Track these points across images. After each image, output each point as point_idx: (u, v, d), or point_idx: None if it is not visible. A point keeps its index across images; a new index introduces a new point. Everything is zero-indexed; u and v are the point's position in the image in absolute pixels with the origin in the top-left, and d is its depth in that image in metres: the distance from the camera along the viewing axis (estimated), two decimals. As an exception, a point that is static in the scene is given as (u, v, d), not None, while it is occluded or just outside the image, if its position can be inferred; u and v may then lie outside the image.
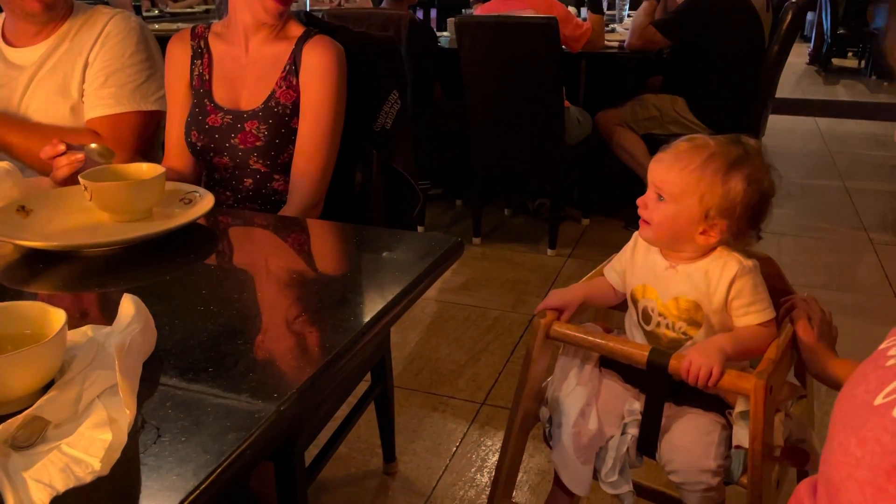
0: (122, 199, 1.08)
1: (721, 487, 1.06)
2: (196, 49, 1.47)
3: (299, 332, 0.86)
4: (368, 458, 1.84)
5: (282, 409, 0.68)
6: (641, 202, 1.11)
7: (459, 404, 2.06)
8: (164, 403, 0.69)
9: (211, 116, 1.42)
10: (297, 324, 0.88)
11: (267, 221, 1.27)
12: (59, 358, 0.69)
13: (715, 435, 1.06)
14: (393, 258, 1.06)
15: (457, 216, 3.57)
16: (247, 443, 0.64)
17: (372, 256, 1.09)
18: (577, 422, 1.11)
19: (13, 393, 0.66)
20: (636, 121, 3.16)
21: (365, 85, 1.51)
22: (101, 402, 0.66)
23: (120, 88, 1.54)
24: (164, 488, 0.58)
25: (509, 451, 1.20)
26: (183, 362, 0.76)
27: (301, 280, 1.02)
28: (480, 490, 1.71)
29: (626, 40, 3.13)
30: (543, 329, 1.13)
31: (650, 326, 1.13)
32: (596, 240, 3.22)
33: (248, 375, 0.74)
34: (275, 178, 1.44)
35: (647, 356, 1.05)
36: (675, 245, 1.11)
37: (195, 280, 1.01)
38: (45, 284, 0.99)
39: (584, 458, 1.10)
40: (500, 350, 2.33)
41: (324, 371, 0.75)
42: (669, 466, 1.07)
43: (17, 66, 1.56)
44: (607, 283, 1.22)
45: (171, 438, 0.64)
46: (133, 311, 0.74)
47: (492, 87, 2.92)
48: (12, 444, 0.60)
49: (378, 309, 0.87)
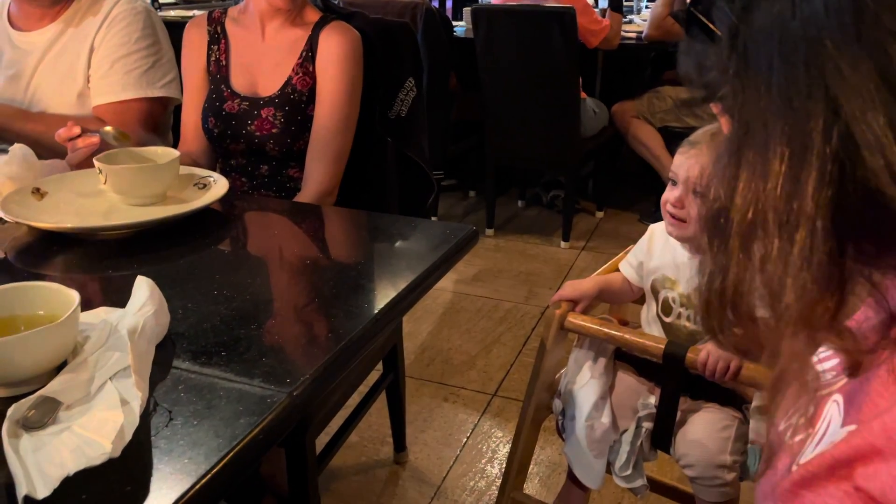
0: (137, 183, 1.08)
1: (736, 483, 1.05)
2: (213, 34, 1.46)
3: (313, 318, 0.85)
4: (379, 447, 1.83)
5: (294, 395, 0.68)
6: (675, 201, 1.08)
7: (470, 395, 2.05)
8: (177, 387, 0.69)
9: (228, 103, 1.41)
10: (311, 310, 0.87)
11: (282, 207, 1.26)
12: (71, 339, 0.69)
13: (731, 430, 1.04)
14: (408, 246, 1.05)
15: (470, 207, 3.55)
16: (259, 427, 0.63)
17: (386, 244, 1.08)
18: (591, 415, 1.10)
19: (25, 373, 0.66)
20: (653, 113, 3.13)
21: (381, 72, 1.49)
22: (113, 385, 0.65)
23: (126, 75, 1.51)
24: (176, 471, 0.57)
25: (521, 442, 1.19)
26: (196, 346, 0.76)
27: (315, 266, 1.02)
28: (491, 481, 1.70)
29: (643, 31, 3.10)
30: (558, 320, 1.12)
31: (670, 318, 1.12)
32: (610, 232, 3.19)
33: (261, 360, 0.74)
34: (290, 165, 1.44)
35: (663, 349, 1.04)
36: None
37: (209, 264, 1.01)
38: (58, 266, 0.99)
39: (598, 452, 1.09)
40: (512, 342, 2.32)
41: (337, 357, 0.75)
42: (684, 461, 1.06)
43: (24, 50, 1.55)
44: (623, 278, 1.21)
45: (183, 422, 0.63)
46: (147, 294, 0.74)
47: (508, 77, 2.90)
48: (24, 424, 0.60)
49: (392, 296, 0.86)
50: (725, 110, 0.41)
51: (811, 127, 0.34)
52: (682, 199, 1.09)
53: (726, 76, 0.38)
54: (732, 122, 0.39)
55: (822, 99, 0.34)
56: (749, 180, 0.37)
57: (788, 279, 0.36)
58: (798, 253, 0.35)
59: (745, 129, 0.38)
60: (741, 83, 0.38)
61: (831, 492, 0.39)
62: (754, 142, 0.37)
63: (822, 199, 0.34)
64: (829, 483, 0.39)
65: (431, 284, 0.95)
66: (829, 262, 0.35)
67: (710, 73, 0.41)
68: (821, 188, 0.34)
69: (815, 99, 0.34)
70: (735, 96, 0.38)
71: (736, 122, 0.39)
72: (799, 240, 0.35)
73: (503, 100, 2.95)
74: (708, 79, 0.41)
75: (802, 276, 0.36)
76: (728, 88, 0.39)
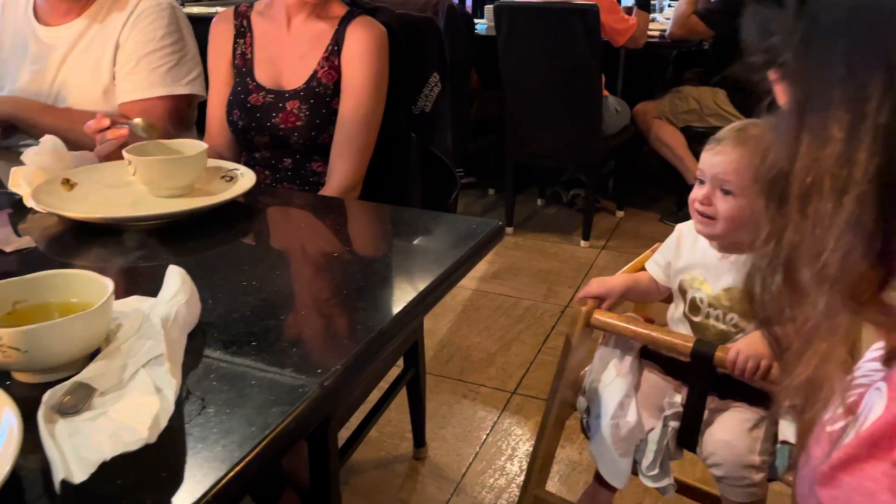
0: (166, 174, 1.08)
1: (764, 483, 1.04)
2: (239, 28, 1.46)
3: (341, 310, 0.85)
4: (398, 443, 1.83)
5: (325, 385, 0.68)
6: (703, 199, 1.07)
7: (489, 393, 2.05)
8: (208, 375, 0.69)
9: (253, 95, 1.42)
10: (339, 301, 0.87)
11: (307, 201, 1.26)
12: (105, 326, 0.69)
13: (760, 430, 1.03)
14: (434, 240, 1.05)
15: (489, 205, 3.55)
16: (291, 417, 0.63)
17: (413, 238, 1.07)
18: (616, 413, 1.09)
19: (59, 359, 0.66)
20: (675, 113, 3.10)
21: (406, 66, 1.49)
22: (146, 372, 0.65)
23: (151, 72, 1.51)
24: (210, 458, 0.58)
25: (545, 439, 1.18)
26: (226, 335, 0.76)
27: (341, 259, 1.02)
28: (511, 479, 1.70)
29: (667, 29, 3.07)
30: (584, 317, 1.11)
31: (698, 317, 1.10)
32: (630, 232, 3.17)
33: (291, 350, 0.74)
34: (314, 158, 1.44)
35: (692, 347, 1.02)
36: (741, 236, 1.07)
37: (236, 256, 1.01)
38: (87, 256, 1.00)
39: (623, 451, 1.08)
40: (532, 340, 2.32)
41: (366, 349, 0.74)
42: (711, 460, 1.05)
43: (50, 45, 1.55)
44: (649, 277, 1.20)
45: (216, 410, 0.63)
46: (179, 283, 0.74)
47: (529, 75, 2.88)
48: (59, 409, 0.60)
49: (421, 289, 0.86)
50: (786, 76, 0.42)
51: (868, 95, 0.35)
52: (709, 197, 1.07)
53: (791, 41, 0.39)
54: (793, 87, 0.40)
55: (881, 68, 0.34)
56: (810, 144, 0.38)
57: (837, 243, 0.37)
58: (846, 218, 0.37)
59: (807, 95, 0.39)
60: (806, 49, 0.39)
61: (868, 472, 0.39)
62: (816, 107, 0.38)
63: (871, 168, 0.35)
64: (867, 463, 0.39)
65: (459, 278, 0.94)
66: (874, 229, 0.37)
67: (773, 38, 0.41)
68: (871, 157, 0.35)
69: (874, 68, 0.35)
70: (798, 62, 0.39)
71: (798, 88, 0.39)
72: (847, 205, 0.37)
73: (525, 97, 2.94)
74: (771, 44, 0.41)
75: (848, 240, 0.37)
76: (791, 54, 0.40)
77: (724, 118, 3.02)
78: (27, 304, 0.71)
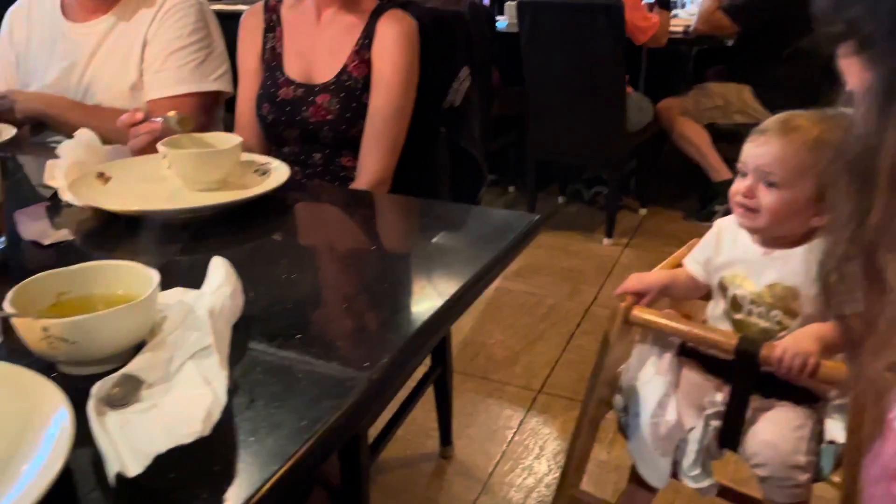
0: (201, 167, 1.07)
1: (809, 484, 1.01)
2: (269, 22, 1.46)
3: (383, 303, 0.83)
4: (423, 441, 1.82)
5: (373, 379, 0.66)
6: (746, 191, 1.05)
7: (515, 391, 2.03)
8: (255, 368, 0.68)
9: (283, 89, 1.41)
10: (380, 295, 0.86)
11: (338, 195, 1.25)
12: (151, 318, 0.68)
13: (806, 429, 1.01)
14: (471, 234, 1.04)
15: (510, 203, 3.53)
16: (341, 411, 0.62)
17: (449, 231, 1.06)
18: (656, 412, 1.07)
19: (106, 351, 0.66)
20: (699, 110, 3.07)
21: (436, 61, 1.48)
22: (193, 364, 0.64)
23: (179, 69, 1.51)
24: (262, 452, 0.56)
25: (581, 438, 1.16)
26: (270, 328, 0.75)
27: (378, 252, 1.01)
28: (539, 478, 1.68)
29: (691, 25, 3.04)
30: (623, 313, 1.09)
31: (740, 315, 1.08)
32: (654, 230, 3.14)
33: (336, 343, 0.73)
34: (343, 153, 1.43)
35: (735, 344, 1.00)
36: (784, 230, 1.05)
37: (273, 250, 1.00)
38: (124, 250, 0.99)
39: (663, 451, 1.06)
40: (556, 339, 2.29)
41: (412, 342, 0.73)
42: (755, 461, 1.02)
43: (78, 41, 1.55)
44: (688, 273, 1.17)
45: (265, 403, 0.62)
46: (223, 275, 0.73)
47: (552, 72, 2.86)
48: (108, 401, 0.59)
49: (462, 283, 0.84)
50: (865, 48, 0.40)
51: None
52: (752, 189, 1.05)
53: (877, 13, 0.37)
54: (876, 62, 0.38)
55: None
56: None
57: None
58: None
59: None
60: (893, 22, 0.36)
61: None
62: None
63: None
64: None
65: (498, 274, 0.93)
66: None
67: (852, 10, 0.39)
68: None
69: None
70: (884, 35, 0.37)
71: (887, 64, 0.38)
72: None
73: (547, 94, 2.91)
74: (850, 15, 0.40)
75: None
76: (874, 26, 0.38)
77: (749, 115, 2.98)
78: (71, 295, 0.71)
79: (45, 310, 0.68)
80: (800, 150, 1.00)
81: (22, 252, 0.95)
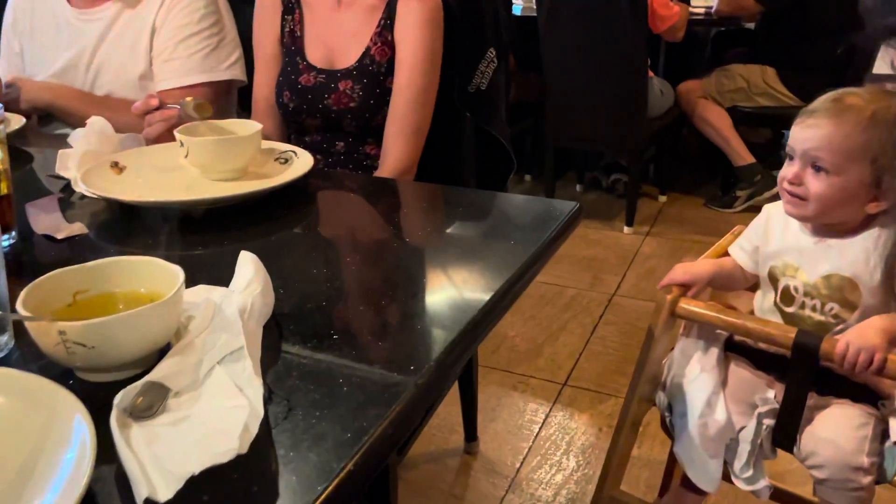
0: (220, 156, 1.01)
1: (871, 487, 0.95)
2: (287, 4, 1.39)
3: (423, 300, 0.77)
4: (448, 436, 1.77)
5: (420, 383, 0.60)
6: (793, 177, 0.98)
7: (539, 384, 1.97)
8: (290, 373, 0.62)
9: (304, 76, 1.34)
10: (420, 291, 0.80)
11: (364, 184, 1.19)
12: (177, 319, 0.62)
13: (868, 428, 0.94)
14: (511, 223, 0.98)
15: (527, 191, 3.45)
16: (388, 420, 0.56)
17: (490, 221, 1.00)
18: (704, 412, 1.01)
19: (127, 356, 0.60)
20: (721, 93, 2.99)
21: (461, 42, 1.41)
22: (222, 369, 0.59)
23: (189, 58, 1.44)
24: (305, 470, 0.50)
25: (622, 437, 1.11)
26: (303, 328, 0.69)
27: (413, 245, 0.94)
28: (568, 475, 1.62)
29: (713, 6, 2.95)
30: (669, 306, 1.03)
31: (792, 308, 1.02)
32: (675, 217, 3.07)
33: (377, 345, 0.67)
34: (367, 141, 1.36)
35: (793, 338, 0.94)
36: (835, 218, 0.98)
37: (300, 242, 0.94)
38: (141, 243, 0.93)
39: (713, 452, 1.00)
40: (579, 329, 2.23)
41: (458, 342, 0.67)
42: (812, 461, 0.96)
43: (84, 29, 1.49)
44: (733, 263, 1.11)
45: (304, 413, 0.56)
46: (252, 271, 0.67)
47: (571, 57, 2.78)
48: (132, 413, 0.54)
49: (507, 276, 0.78)
50: None
51: None
52: (800, 175, 0.98)
53: None
54: None
55: None
56: None
57: None
58: None
59: None
60: None
61: None
62: None
63: None
64: None
65: (543, 265, 0.87)
66: None
67: None
68: None
69: None
70: None
71: None
72: None
73: (566, 80, 2.83)
74: None
75: None
76: None
77: (773, 97, 2.90)
78: (89, 294, 0.65)
79: (60, 310, 0.63)
80: (852, 132, 0.93)
81: (34, 247, 0.89)
